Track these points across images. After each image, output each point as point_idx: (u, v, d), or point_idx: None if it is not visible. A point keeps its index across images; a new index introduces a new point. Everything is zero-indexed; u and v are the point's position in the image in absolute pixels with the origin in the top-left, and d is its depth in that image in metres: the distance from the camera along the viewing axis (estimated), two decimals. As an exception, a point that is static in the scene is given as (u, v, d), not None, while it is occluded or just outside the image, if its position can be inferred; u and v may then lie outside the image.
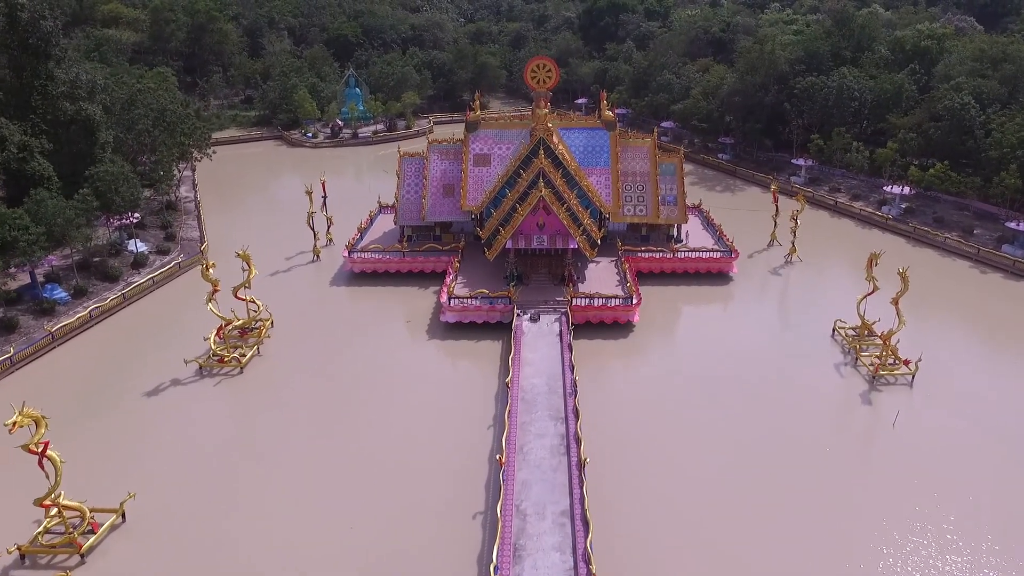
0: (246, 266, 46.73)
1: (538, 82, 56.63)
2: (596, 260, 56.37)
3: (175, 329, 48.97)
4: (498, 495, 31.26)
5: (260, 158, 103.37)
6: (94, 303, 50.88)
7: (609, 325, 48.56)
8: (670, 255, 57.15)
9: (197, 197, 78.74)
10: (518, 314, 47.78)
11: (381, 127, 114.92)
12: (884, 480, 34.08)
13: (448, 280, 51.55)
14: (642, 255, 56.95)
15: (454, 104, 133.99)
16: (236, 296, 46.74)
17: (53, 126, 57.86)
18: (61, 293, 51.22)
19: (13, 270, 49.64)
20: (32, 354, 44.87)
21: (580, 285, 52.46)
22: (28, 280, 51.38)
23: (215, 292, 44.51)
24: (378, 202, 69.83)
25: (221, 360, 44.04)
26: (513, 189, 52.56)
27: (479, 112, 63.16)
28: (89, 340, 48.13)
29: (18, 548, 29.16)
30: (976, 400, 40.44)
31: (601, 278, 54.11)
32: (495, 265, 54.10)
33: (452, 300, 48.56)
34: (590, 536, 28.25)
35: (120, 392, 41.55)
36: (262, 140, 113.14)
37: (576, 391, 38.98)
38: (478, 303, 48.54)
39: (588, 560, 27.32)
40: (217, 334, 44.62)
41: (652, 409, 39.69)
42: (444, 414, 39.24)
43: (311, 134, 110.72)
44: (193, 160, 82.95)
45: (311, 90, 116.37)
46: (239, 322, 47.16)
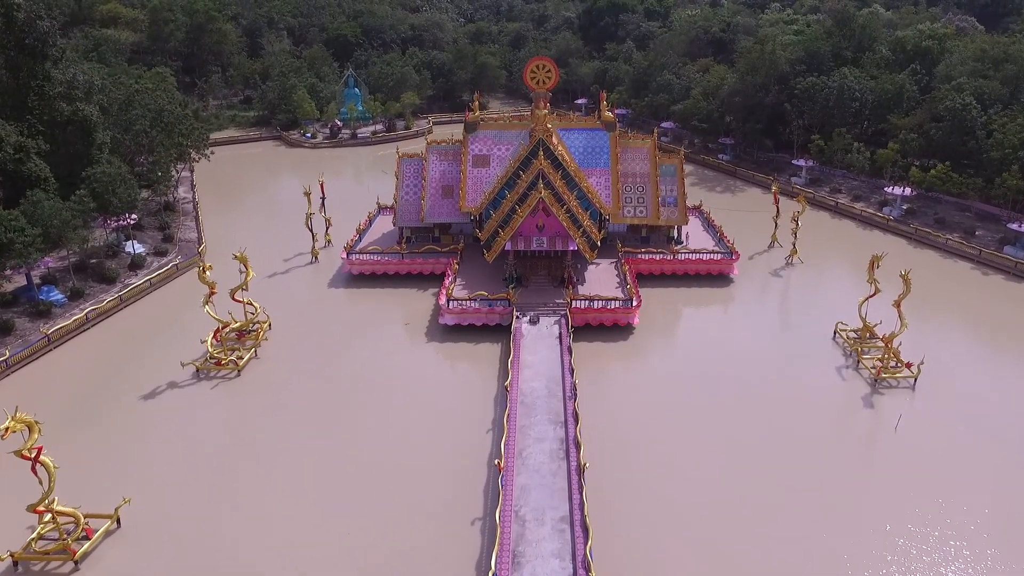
0: (244, 268, 46.51)
1: (538, 82, 56.34)
2: (596, 262, 56.08)
3: (172, 331, 48.69)
4: (497, 500, 31.00)
5: (259, 159, 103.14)
6: (91, 305, 50.59)
7: (609, 327, 48.27)
8: (670, 257, 56.86)
9: (195, 198, 78.46)
10: (517, 316, 47.50)
11: (380, 127, 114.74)
12: (885, 483, 33.82)
13: (447, 282, 51.26)
14: (642, 257, 56.67)
15: (453, 104, 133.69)
16: (233, 298, 46.44)
17: (50, 127, 57.54)
18: (57, 295, 50.93)
19: (9, 272, 49.42)
20: (28, 357, 44.57)
21: (580, 287, 52.13)
22: (24, 282, 51.10)
23: (212, 294, 44.21)
24: (377, 203, 69.56)
25: (218, 363, 43.75)
26: (512, 190, 52.30)
27: (478, 113, 62.88)
28: (85, 343, 47.85)
29: (11, 555, 28.81)
30: (978, 402, 40.18)
31: (601, 280, 53.81)
32: (494, 267, 53.77)
33: (451, 302, 48.26)
34: (590, 542, 27.96)
35: (116, 395, 41.26)
36: (261, 140, 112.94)
37: (576, 394, 38.68)
38: (477, 305, 48.24)
39: (588, 567, 27.02)
40: (214, 336, 44.40)
41: (652, 412, 39.42)
42: (443, 417, 38.97)
43: (310, 134, 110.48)
44: (191, 161, 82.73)
45: (310, 90, 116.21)
46: (236, 324, 46.91)
